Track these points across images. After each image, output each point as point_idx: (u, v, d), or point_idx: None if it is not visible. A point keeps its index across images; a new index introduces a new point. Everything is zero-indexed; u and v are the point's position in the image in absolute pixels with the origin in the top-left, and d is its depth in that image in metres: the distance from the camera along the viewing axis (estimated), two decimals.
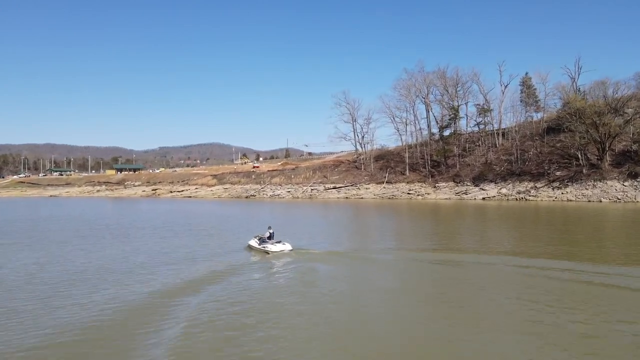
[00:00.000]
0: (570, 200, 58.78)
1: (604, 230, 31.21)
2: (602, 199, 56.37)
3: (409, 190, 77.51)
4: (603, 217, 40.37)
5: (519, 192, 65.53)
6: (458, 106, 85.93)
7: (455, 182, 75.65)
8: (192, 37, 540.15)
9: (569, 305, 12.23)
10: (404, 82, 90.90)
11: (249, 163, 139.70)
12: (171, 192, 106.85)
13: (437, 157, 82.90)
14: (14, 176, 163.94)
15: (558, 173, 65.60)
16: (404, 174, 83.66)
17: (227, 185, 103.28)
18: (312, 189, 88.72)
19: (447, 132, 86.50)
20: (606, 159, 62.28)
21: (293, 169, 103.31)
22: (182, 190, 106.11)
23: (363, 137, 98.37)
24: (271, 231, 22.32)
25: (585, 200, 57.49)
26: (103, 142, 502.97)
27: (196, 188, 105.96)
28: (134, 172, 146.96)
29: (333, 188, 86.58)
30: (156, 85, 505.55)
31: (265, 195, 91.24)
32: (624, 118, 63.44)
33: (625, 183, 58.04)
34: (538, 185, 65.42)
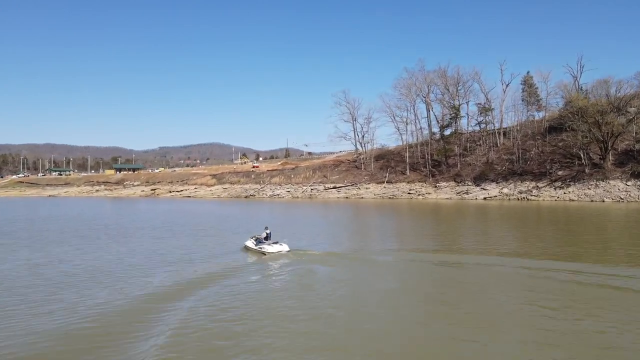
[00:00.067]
0: (573, 200, 58.18)
1: (608, 231, 30.60)
2: (604, 199, 55.77)
3: (410, 190, 76.93)
4: (606, 217, 39.77)
5: (520, 192, 64.95)
6: (459, 105, 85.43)
7: (456, 181, 75.07)
8: (192, 37, 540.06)
9: (574, 306, 11.68)
10: (404, 81, 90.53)
11: (249, 163, 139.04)
12: (170, 192, 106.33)
13: (437, 157, 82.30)
14: (13, 176, 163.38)
15: (560, 173, 65.02)
16: (404, 173, 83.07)
17: (226, 185, 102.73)
18: (312, 189, 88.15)
19: (448, 132, 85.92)
20: (609, 159, 61.70)
21: (293, 169, 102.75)
22: (181, 190, 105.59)
23: (363, 136, 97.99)
24: (268, 231, 21.72)
25: (588, 200, 56.89)
26: (103, 142, 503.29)
27: (195, 188, 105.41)
28: (133, 172, 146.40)
29: (333, 188, 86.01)
30: (156, 85, 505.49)
31: (264, 195, 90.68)
32: (627, 117, 62.91)
33: (629, 183, 57.44)
34: (540, 185, 64.83)
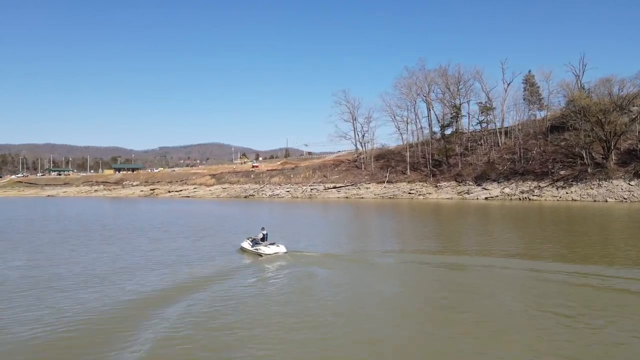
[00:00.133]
0: (575, 200, 57.51)
1: (615, 231, 29.94)
2: (607, 199, 55.09)
3: (410, 189, 76.26)
4: (610, 217, 39.15)
5: (522, 192, 64.28)
6: (460, 104, 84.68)
7: (457, 181, 74.40)
8: (192, 37, 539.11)
9: (590, 314, 11.03)
10: (404, 80, 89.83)
11: (248, 163, 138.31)
12: (169, 192, 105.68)
13: (438, 157, 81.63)
14: (12, 176, 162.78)
15: (562, 172, 64.36)
16: (405, 173, 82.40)
17: (225, 185, 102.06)
18: (311, 189, 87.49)
19: (448, 131, 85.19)
20: (611, 158, 61.03)
21: (292, 169, 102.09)
22: (181, 190, 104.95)
23: (363, 136, 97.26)
24: (264, 232, 21.08)
25: (591, 200, 56.21)
26: (103, 142, 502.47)
27: (194, 188, 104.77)
28: (133, 171, 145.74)
29: (333, 188, 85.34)
30: (156, 85, 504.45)
31: (264, 195, 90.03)
32: (630, 116, 62.27)
33: (632, 182, 56.75)
34: (542, 184, 64.16)
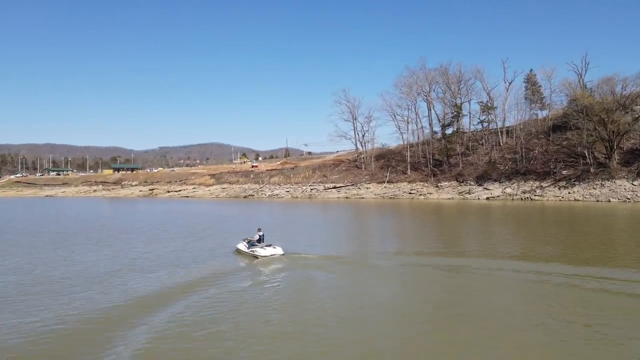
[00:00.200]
0: (578, 200, 56.85)
1: (621, 232, 29.26)
2: (610, 199, 54.40)
3: (411, 189, 75.60)
4: (614, 217, 38.50)
5: (524, 192, 63.58)
6: (461, 104, 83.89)
7: (458, 181, 73.72)
8: (192, 37, 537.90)
9: (609, 324, 10.36)
10: (405, 79, 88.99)
11: (248, 163, 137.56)
12: (168, 192, 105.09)
13: (439, 156, 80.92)
14: (11, 176, 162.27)
15: (564, 172, 63.65)
16: (405, 173, 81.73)
17: (225, 185, 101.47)
18: (311, 189, 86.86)
19: (449, 131, 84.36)
20: (614, 158, 60.32)
21: (292, 169, 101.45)
22: (180, 190, 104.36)
23: (363, 135, 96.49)
24: (261, 233, 20.44)
25: (593, 200, 55.52)
26: (103, 142, 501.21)
27: (194, 188, 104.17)
28: (132, 171, 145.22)
29: (333, 188, 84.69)
30: (156, 85, 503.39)
31: (263, 195, 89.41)
32: (633, 115, 61.57)
33: (635, 182, 56.04)
34: (544, 184, 63.47)
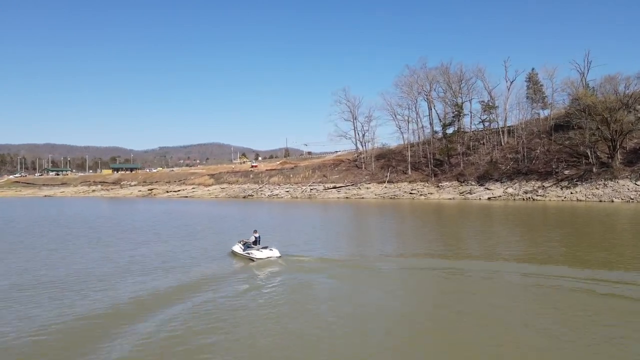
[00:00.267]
0: (580, 200, 56.19)
1: (622, 232, 28.58)
2: (614, 199, 53.74)
3: (412, 189, 74.95)
4: (617, 218, 37.84)
5: (526, 192, 62.93)
6: (462, 103, 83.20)
7: (459, 181, 73.06)
8: (192, 37, 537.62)
9: (632, 335, 9.70)
10: (405, 78, 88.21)
11: (247, 163, 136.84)
12: (167, 192, 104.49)
13: (440, 156, 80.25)
14: (10, 176, 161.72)
15: (567, 172, 62.98)
16: (406, 173, 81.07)
17: (224, 185, 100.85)
18: (311, 189, 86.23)
19: (450, 130, 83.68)
20: (617, 157, 59.68)
21: (292, 168, 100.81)
22: (179, 190, 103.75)
23: (364, 135, 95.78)
24: (257, 235, 19.81)
25: (596, 200, 54.86)
26: (103, 142, 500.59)
27: (193, 188, 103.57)
28: (131, 171, 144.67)
29: (333, 188, 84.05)
30: (156, 85, 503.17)
31: (263, 195, 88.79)
32: (636, 115, 60.91)
33: (638, 182, 55.35)
34: (546, 184, 62.81)
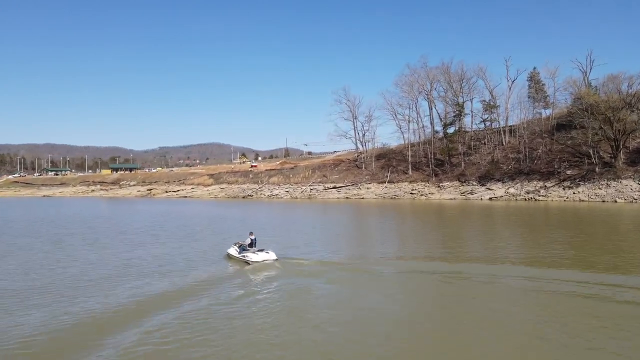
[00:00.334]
0: (583, 201, 55.59)
1: (627, 234, 27.93)
2: (617, 199, 53.11)
3: (412, 190, 74.34)
4: (620, 218, 37.25)
5: (527, 192, 62.33)
6: (463, 102, 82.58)
7: (460, 181, 72.44)
8: (192, 37, 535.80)
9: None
10: (406, 77, 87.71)
11: (247, 162, 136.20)
12: (166, 192, 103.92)
13: (441, 156, 79.63)
14: (8, 176, 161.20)
15: (569, 172, 62.37)
16: (406, 173, 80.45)
17: (223, 185, 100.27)
18: (311, 189, 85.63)
19: (451, 130, 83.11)
20: (620, 157, 59.07)
21: (292, 168, 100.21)
22: (178, 190, 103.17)
23: (364, 135, 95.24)
24: (253, 237, 19.21)
25: (599, 201, 54.25)
26: (103, 142, 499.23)
27: (192, 188, 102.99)
28: (130, 171, 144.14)
29: (333, 188, 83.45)
30: (156, 85, 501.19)
31: (262, 195, 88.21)
32: (639, 114, 60.27)
33: None
34: (548, 184, 62.20)
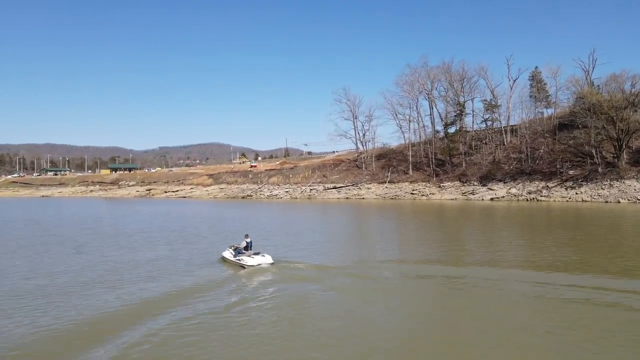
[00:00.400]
0: (585, 201, 54.95)
1: (631, 236, 27.30)
2: (620, 200, 52.47)
3: (413, 190, 73.68)
4: (623, 219, 36.62)
5: (529, 192, 61.66)
6: (464, 102, 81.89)
7: (461, 181, 71.77)
8: (192, 37, 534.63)
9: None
10: (406, 77, 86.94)
11: (247, 162, 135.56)
12: (165, 192, 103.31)
13: (442, 156, 78.96)
14: (8, 176, 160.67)
15: (571, 172, 61.68)
16: (407, 173, 79.78)
17: (223, 185, 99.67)
18: (311, 189, 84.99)
19: (452, 129, 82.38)
20: (623, 157, 58.38)
21: (291, 168, 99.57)
22: (177, 191, 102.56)
23: (364, 134, 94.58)
24: (248, 240, 18.62)
25: (602, 201, 53.60)
26: (103, 142, 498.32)
27: (191, 188, 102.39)
28: (129, 171, 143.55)
29: (333, 188, 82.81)
30: (156, 85, 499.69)
31: (262, 196, 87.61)
32: None
33: None
34: (550, 185, 61.53)
